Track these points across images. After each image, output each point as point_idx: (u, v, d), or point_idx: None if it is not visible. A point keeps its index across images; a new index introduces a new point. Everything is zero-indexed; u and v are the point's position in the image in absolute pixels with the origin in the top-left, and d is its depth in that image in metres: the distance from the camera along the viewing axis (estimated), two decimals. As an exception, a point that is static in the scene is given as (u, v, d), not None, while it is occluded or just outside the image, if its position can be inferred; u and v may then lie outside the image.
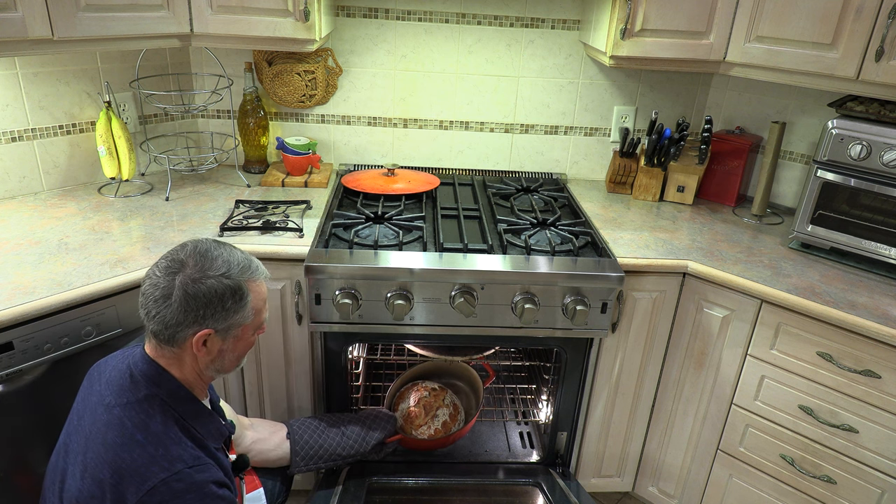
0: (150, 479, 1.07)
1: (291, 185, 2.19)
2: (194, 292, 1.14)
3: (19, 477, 1.50)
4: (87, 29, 1.63)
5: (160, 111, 2.23)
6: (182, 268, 1.16)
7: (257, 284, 1.24)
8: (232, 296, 1.17)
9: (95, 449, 1.11)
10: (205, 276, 1.15)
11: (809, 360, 1.69)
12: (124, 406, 1.14)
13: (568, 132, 2.40)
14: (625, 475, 2.16)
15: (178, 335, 1.16)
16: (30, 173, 2.00)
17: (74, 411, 1.24)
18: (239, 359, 1.29)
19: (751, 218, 2.16)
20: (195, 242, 1.22)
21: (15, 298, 1.42)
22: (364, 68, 2.27)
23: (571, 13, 2.23)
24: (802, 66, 1.77)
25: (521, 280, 1.71)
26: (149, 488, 1.07)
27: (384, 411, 1.89)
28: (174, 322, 1.15)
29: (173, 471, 1.09)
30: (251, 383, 1.93)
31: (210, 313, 1.16)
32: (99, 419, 1.14)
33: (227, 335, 1.21)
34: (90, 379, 1.26)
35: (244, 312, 1.21)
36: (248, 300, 1.20)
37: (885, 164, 1.72)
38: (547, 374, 2.15)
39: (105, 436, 1.11)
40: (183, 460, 1.11)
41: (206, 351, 1.20)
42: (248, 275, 1.21)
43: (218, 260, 1.18)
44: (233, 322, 1.20)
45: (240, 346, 1.26)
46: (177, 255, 1.18)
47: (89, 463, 1.11)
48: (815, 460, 1.74)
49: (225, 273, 1.17)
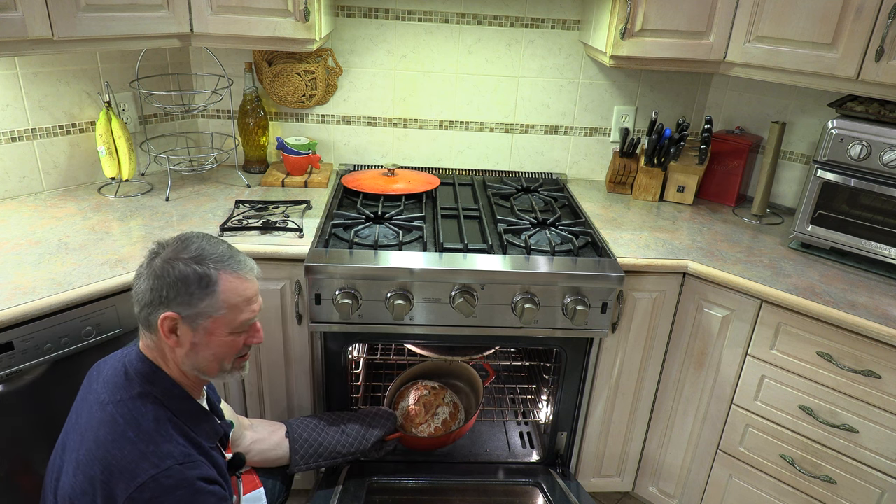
0: (139, 476, 1.08)
1: (291, 185, 2.19)
2: (161, 272, 1.15)
3: (20, 477, 1.50)
4: (87, 29, 1.63)
5: (160, 111, 2.23)
6: (160, 250, 1.19)
7: (235, 278, 1.19)
8: (197, 282, 1.15)
9: (88, 446, 1.12)
10: (175, 259, 1.16)
11: (809, 360, 1.69)
12: (117, 403, 1.15)
13: (568, 132, 2.40)
14: (625, 475, 2.16)
15: (150, 318, 1.17)
16: (30, 173, 2.00)
17: (74, 410, 1.25)
18: (217, 360, 1.22)
19: (751, 218, 2.16)
20: (183, 233, 1.23)
21: (15, 298, 1.42)
22: (364, 68, 2.27)
23: (571, 13, 2.23)
24: (802, 66, 1.77)
25: (521, 280, 1.71)
26: (138, 484, 1.07)
27: (384, 409, 1.89)
28: (145, 302, 1.16)
29: (163, 467, 1.09)
30: (251, 383, 1.93)
31: (173, 296, 1.14)
32: (93, 416, 1.15)
33: (196, 325, 1.17)
34: (89, 378, 1.27)
35: (211, 302, 1.16)
36: (215, 290, 1.16)
37: (885, 164, 1.72)
38: (547, 374, 2.15)
39: (97, 433, 1.12)
40: (173, 457, 1.11)
41: (177, 341, 1.18)
42: (223, 265, 1.18)
43: (193, 245, 1.18)
44: (199, 311, 1.16)
45: (214, 343, 1.20)
46: (161, 241, 1.21)
47: (82, 460, 1.12)
48: (815, 460, 1.74)
49: (195, 257, 1.16)
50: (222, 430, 1.31)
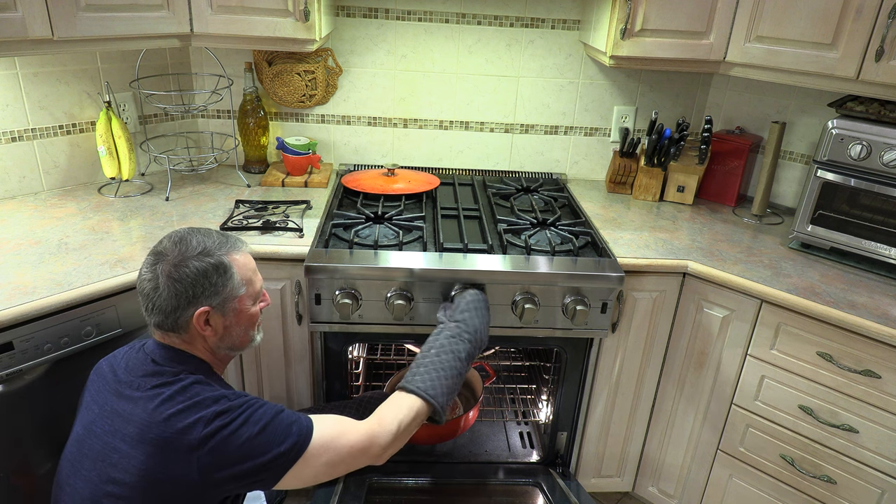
0: (205, 415, 1.13)
1: (291, 185, 2.19)
2: (179, 276, 1.20)
3: (20, 477, 1.50)
4: (87, 29, 1.63)
5: (160, 111, 2.23)
6: (163, 258, 1.22)
7: (240, 256, 1.28)
8: (215, 271, 1.23)
9: (138, 418, 1.14)
10: (185, 259, 1.21)
11: (809, 360, 1.69)
12: (153, 384, 1.18)
13: (568, 132, 2.40)
14: (625, 475, 2.16)
15: (179, 320, 1.22)
16: (30, 173, 2.00)
17: (92, 402, 1.24)
18: (247, 332, 1.32)
19: (751, 218, 2.17)
20: (171, 233, 1.28)
21: (15, 298, 1.42)
22: (364, 68, 2.27)
23: (571, 13, 2.23)
24: (802, 66, 1.77)
25: (521, 280, 1.71)
26: (207, 418, 1.12)
27: (377, 392, 1.90)
28: (170, 308, 1.20)
29: (222, 402, 1.16)
30: (251, 383, 1.93)
31: (200, 291, 1.21)
32: (132, 396, 1.17)
33: (226, 309, 1.26)
34: (100, 372, 1.28)
35: (233, 284, 1.25)
36: (232, 272, 1.25)
37: (885, 164, 1.72)
38: (547, 374, 2.15)
39: (146, 406, 1.15)
40: (227, 397, 1.18)
41: (212, 330, 1.25)
42: (227, 248, 1.26)
43: (193, 241, 1.24)
44: (226, 296, 1.24)
45: (243, 318, 1.29)
46: (157, 249, 1.25)
47: (130, 434, 1.14)
48: (815, 460, 1.74)
49: (203, 251, 1.23)
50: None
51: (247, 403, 1.18)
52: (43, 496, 1.52)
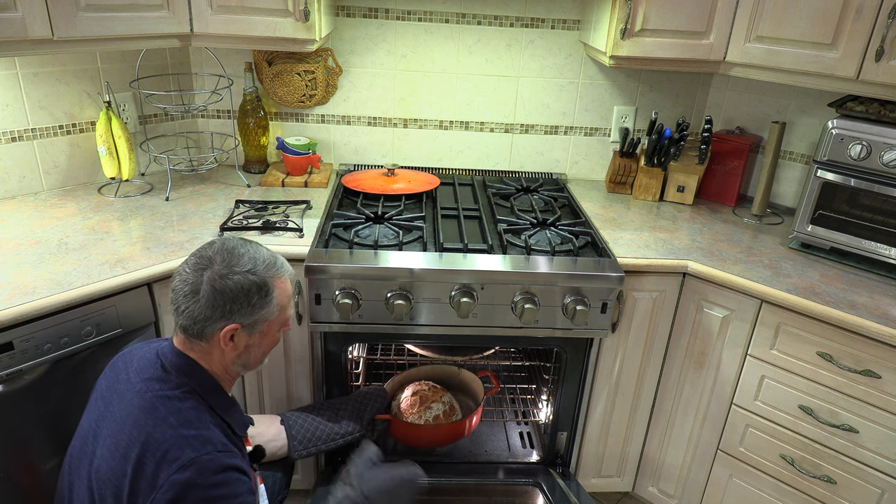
0: (181, 458, 1.10)
1: (291, 185, 2.19)
2: (221, 288, 1.18)
3: (20, 477, 1.50)
4: (87, 29, 1.63)
5: (160, 111, 2.23)
6: (210, 264, 1.20)
7: (282, 281, 1.27)
8: (258, 291, 1.21)
9: (128, 430, 1.14)
10: (231, 272, 1.19)
11: (809, 360, 1.69)
12: (156, 391, 1.17)
13: (568, 132, 2.40)
14: (625, 475, 2.16)
15: (206, 330, 1.20)
16: (30, 173, 2.00)
17: (100, 398, 1.25)
18: (264, 355, 1.32)
19: (751, 218, 2.17)
20: (223, 240, 1.26)
21: (15, 298, 1.42)
22: (364, 68, 2.27)
23: (571, 13, 2.23)
24: (802, 66, 1.77)
25: (521, 280, 1.71)
26: (180, 465, 1.10)
27: (374, 387, 1.90)
28: (202, 317, 1.19)
29: (203, 452, 1.12)
30: (251, 383, 1.93)
31: (237, 308, 1.20)
32: (132, 403, 1.17)
33: (254, 330, 1.24)
34: (114, 367, 1.28)
35: (269, 308, 1.24)
36: (273, 296, 1.24)
37: (885, 164, 1.72)
38: (547, 374, 2.15)
39: (137, 418, 1.14)
40: (212, 443, 1.15)
41: (234, 346, 1.24)
42: (274, 271, 1.25)
43: (244, 257, 1.22)
44: (259, 317, 1.23)
45: (265, 341, 1.29)
46: (205, 252, 1.22)
47: (121, 443, 1.13)
48: (815, 460, 1.74)
49: (251, 269, 1.21)
50: (249, 422, 1.34)
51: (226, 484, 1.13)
52: (43, 495, 1.53)
